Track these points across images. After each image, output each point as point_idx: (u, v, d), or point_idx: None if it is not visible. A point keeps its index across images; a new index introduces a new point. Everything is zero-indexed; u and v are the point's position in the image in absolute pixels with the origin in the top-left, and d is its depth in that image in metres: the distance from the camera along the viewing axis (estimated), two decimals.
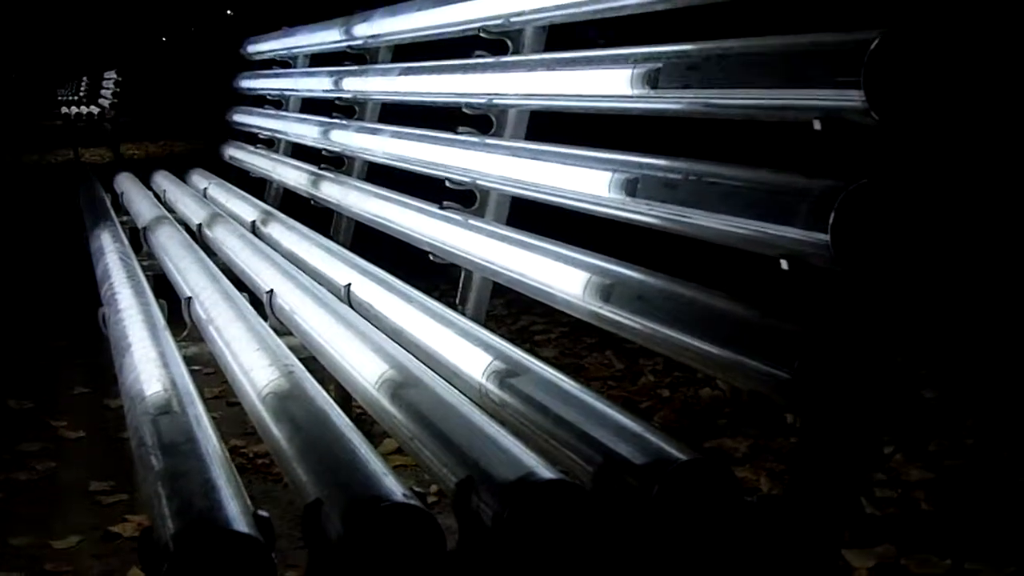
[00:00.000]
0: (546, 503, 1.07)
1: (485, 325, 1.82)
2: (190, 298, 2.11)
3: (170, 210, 3.47)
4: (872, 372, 1.15)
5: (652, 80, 1.49)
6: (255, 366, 1.54)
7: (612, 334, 3.81)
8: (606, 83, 1.63)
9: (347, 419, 1.30)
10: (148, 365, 1.56)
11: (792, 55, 1.26)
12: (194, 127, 16.66)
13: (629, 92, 1.54)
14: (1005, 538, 2.40)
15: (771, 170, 1.24)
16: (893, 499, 2.61)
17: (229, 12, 26.88)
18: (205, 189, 3.78)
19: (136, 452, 1.26)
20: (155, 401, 1.38)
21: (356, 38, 3.12)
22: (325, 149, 3.17)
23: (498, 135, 2.14)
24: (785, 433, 3.04)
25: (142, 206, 3.40)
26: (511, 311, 4.48)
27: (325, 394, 1.41)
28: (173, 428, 1.27)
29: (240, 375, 1.58)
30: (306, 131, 3.40)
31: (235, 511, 1.03)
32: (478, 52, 2.18)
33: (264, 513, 1.04)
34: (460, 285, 2.15)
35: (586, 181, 1.64)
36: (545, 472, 1.09)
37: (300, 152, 3.74)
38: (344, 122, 3.07)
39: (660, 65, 1.48)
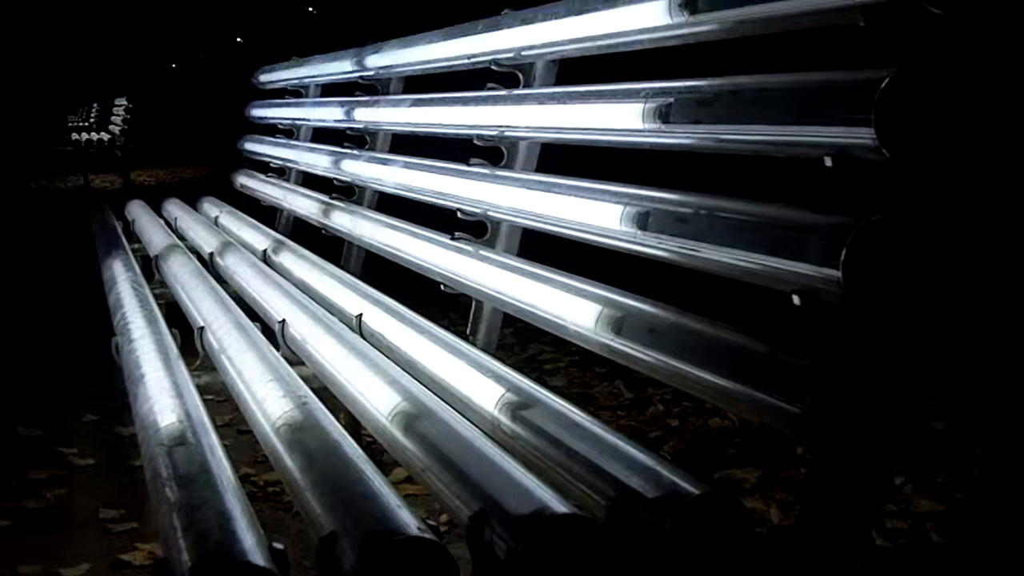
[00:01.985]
0: (560, 537, 1.07)
1: (494, 355, 1.83)
2: (203, 327, 2.12)
3: (182, 238, 3.49)
4: (883, 405, 1.15)
5: (663, 115, 1.51)
6: (268, 397, 1.55)
7: (620, 364, 3.80)
8: (617, 117, 1.65)
9: (360, 451, 1.31)
10: (162, 395, 1.57)
11: (804, 92, 1.28)
12: (202, 154, 16.74)
13: (640, 126, 1.56)
14: (1015, 570, 2.40)
15: (782, 205, 1.25)
16: (904, 530, 2.60)
17: (239, 40, 27.04)
18: (216, 217, 3.80)
19: (151, 483, 1.27)
20: (170, 432, 1.39)
21: (368, 69, 3.15)
22: (336, 179, 3.19)
23: (509, 167, 2.15)
24: (795, 464, 3.04)
25: (154, 234, 3.42)
26: (519, 340, 4.48)
27: (339, 426, 1.42)
28: (188, 459, 1.28)
29: (253, 405, 1.59)
30: (317, 160, 3.42)
31: (251, 543, 1.04)
32: (490, 84, 2.20)
33: (279, 545, 1.05)
34: (471, 315, 2.17)
35: (597, 213, 1.66)
36: (559, 506, 1.10)
37: (311, 181, 3.77)
38: (355, 152, 3.10)
39: (671, 100, 1.49)
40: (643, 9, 1.60)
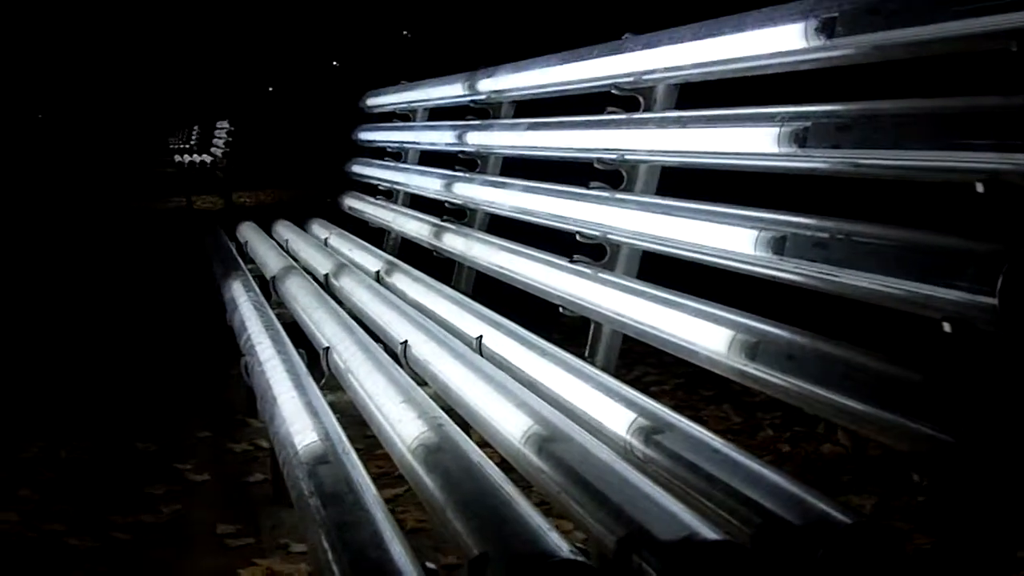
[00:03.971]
0: (710, 565, 1.07)
1: (621, 378, 1.83)
2: (327, 348, 2.16)
3: (294, 259, 3.55)
4: None
5: (800, 139, 1.50)
6: (403, 418, 1.57)
7: (728, 387, 3.76)
8: (749, 141, 1.64)
9: (502, 473, 1.32)
10: (300, 415, 1.59)
11: (951, 117, 1.26)
12: (300, 176, 17.01)
13: (775, 151, 1.55)
14: None
15: (930, 231, 1.24)
16: None
17: (335, 63, 27.48)
18: (326, 239, 3.86)
19: (297, 501, 1.29)
20: (312, 451, 1.41)
21: (479, 93, 3.18)
22: (448, 201, 3.22)
23: (629, 190, 2.16)
24: (911, 492, 2.98)
25: (268, 255, 3.49)
26: (624, 361, 4.46)
27: (476, 447, 1.43)
28: (333, 478, 1.30)
29: (387, 426, 1.61)
30: (428, 183, 3.46)
31: (406, 563, 1.05)
32: (610, 108, 2.21)
33: (432, 565, 1.06)
34: (589, 337, 2.17)
35: (728, 238, 1.65)
36: (709, 533, 1.10)
37: (417, 203, 3.81)
38: (468, 175, 3.13)
39: (808, 124, 1.49)
40: (777, 33, 1.60)
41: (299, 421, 1.57)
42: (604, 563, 1.14)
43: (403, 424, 1.56)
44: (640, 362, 4.40)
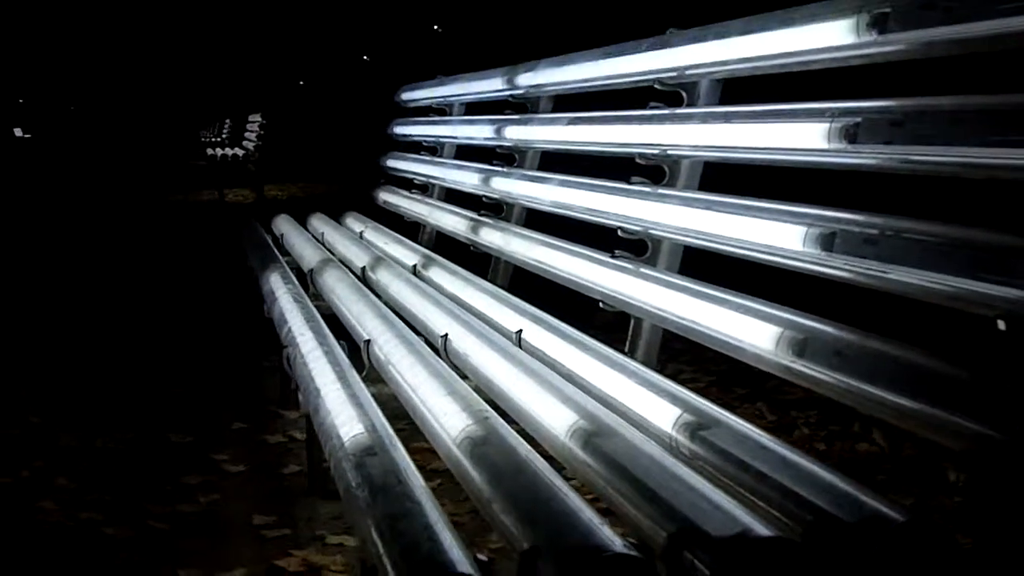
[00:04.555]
0: (763, 561, 1.06)
1: (664, 373, 1.83)
2: (368, 340, 2.16)
3: (331, 252, 3.56)
4: None
5: (851, 135, 1.49)
6: (447, 411, 1.57)
7: (762, 384, 3.73)
8: (797, 137, 1.63)
9: (549, 467, 1.32)
10: (344, 407, 1.60)
11: (1006, 113, 1.25)
12: (331, 170, 17.06)
13: (825, 146, 1.54)
14: None
15: (986, 228, 1.23)
16: None
17: (365, 58, 27.54)
18: (361, 232, 3.87)
19: (344, 494, 1.29)
20: (359, 442, 1.42)
21: (518, 87, 3.18)
22: (485, 195, 3.22)
23: (671, 185, 2.15)
24: (947, 491, 2.96)
25: (305, 249, 3.50)
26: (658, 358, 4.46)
27: (523, 442, 1.43)
28: (382, 469, 1.30)
29: (431, 419, 1.62)
30: (465, 178, 3.46)
31: (459, 554, 1.05)
32: (653, 103, 2.20)
33: (483, 557, 1.06)
34: (630, 332, 2.17)
35: (774, 234, 1.64)
36: (761, 529, 1.09)
37: (453, 197, 3.81)
38: (506, 170, 3.12)
39: (859, 120, 1.48)
40: (826, 28, 1.59)
41: (344, 413, 1.58)
42: (654, 559, 1.14)
43: (448, 417, 1.56)
44: (673, 359, 4.39)
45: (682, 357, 4.31)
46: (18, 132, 34.02)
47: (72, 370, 4.57)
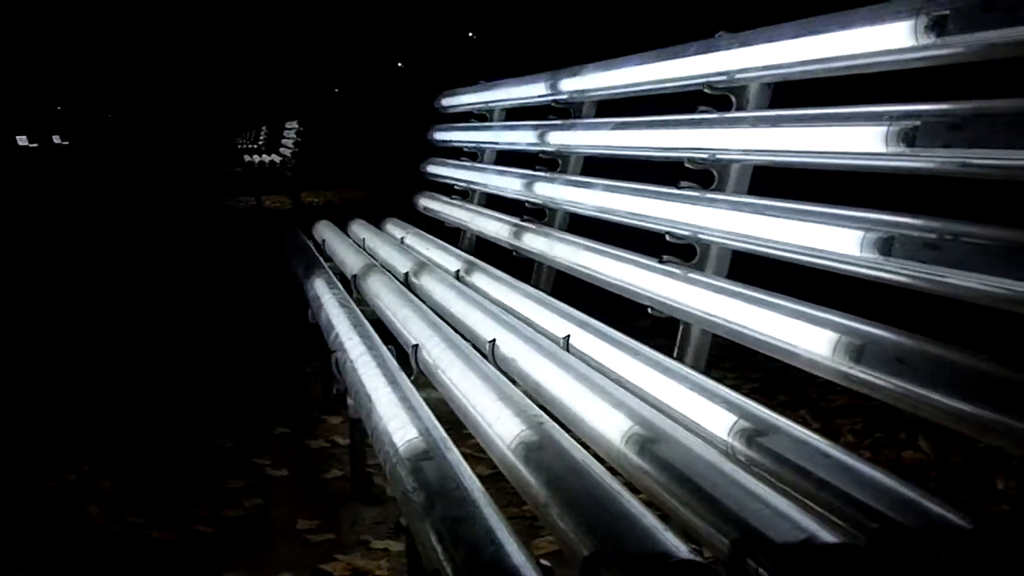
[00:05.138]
0: (829, 568, 1.05)
1: (717, 378, 1.82)
2: (416, 345, 2.16)
3: (372, 257, 3.56)
4: None
5: (909, 138, 1.48)
6: (500, 416, 1.57)
7: (805, 392, 3.71)
8: (853, 140, 1.62)
9: (608, 473, 1.31)
10: (397, 411, 1.60)
11: None
12: (367, 176, 17.12)
13: (882, 150, 1.53)
14: None
15: None
16: None
17: (399, 64, 27.65)
18: (402, 238, 3.88)
19: (402, 498, 1.29)
20: (414, 447, 1.41)
21: (561, 92, 3.18)
22: (528, 201, 3.22)
23: (720, 190, 2.14)
24: (995, 498, 2.93)
25: (347, 254, 3.51)
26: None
27: (580, 447, 1.42)
28: (439, 473, 1.30)
29: (483, 424, 1.61)
30: (507, 183, 3.46)
31: (522, 559, 1.05)
32: (702, 107, 2.19)
33: (546, 563, 1.06)
34: (678, 337, 2.16)
35: (828, 238, 1.63)
36: (826, 535, 1.08)
37: (493, 203, 3.81)
38: (549, 175, 3.12)
39: (918, 123, 1.46)
40: (884, 31, 1.57)
41: (397, 417, 1.58)
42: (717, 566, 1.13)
43: (501, 422, 1.55)
44: (715, 365, 4.35)
45: (724, 364, 4.29)
46: (56, 139, 34.40)
47: (117, 374, 4.61)
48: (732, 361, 4.19)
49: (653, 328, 2.34)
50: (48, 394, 4.26)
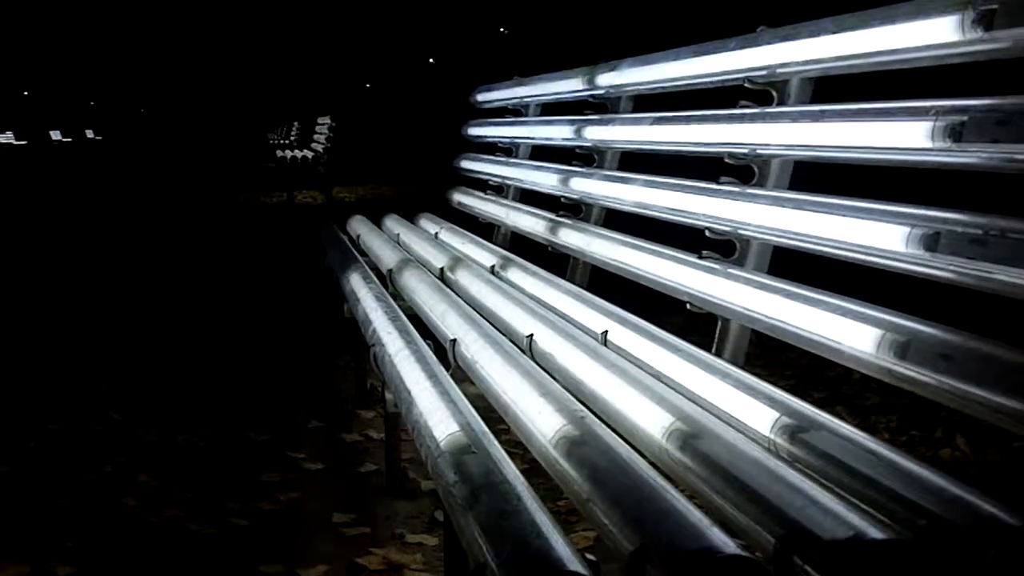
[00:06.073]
0: (879, 565, 1.04)
1: (758, 374, 1.81)
2: (454, 340, 2.16)
3: (407, 252, 3.57)
4: None
5: (955, 133, 1.46)
6: (542, 411, 1.57)
7: (840, 388, 3.69)
8: (898, 135, 1.61)
9: (652, 468, 1.30)
10: (437, 405, 1.60)
11: None
12: (398, 171, 17.15)
13: (928, 145, 1.51)
14: None
15: None
16: None
17: (431, 60, 27.70)
18: (436, 233, 3.88)
19: (444, 492, 1.29)
20: (455, 441, 1.42)
21: (598, 87, 3.17)
22: (564, 196, 3.21)
23: (760, 185, 2.13)
24: None
25: (382, 250, 3.52)
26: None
27: (623, 442, 1.42)
28: (482, 468, 1.30)
29: (524, 419, 1.61)
30: (543, 179, 3.46)
31: (567, 553, 1.05)
32: (743, 102, 2.18)
33: (592, 557, 1.06)
34: (717, 333, 2.15)
35: (873, 234, 1.62)
36: (875, 532, 1.07)
37: (528, 198, 3.81)
38: (586, 170, 3.11)
39: (965, 119, 1.45)
40: (929, 25, 1.56)
41: (438, 412, 1.58)
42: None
43: (542, 417, 1.55)
44: (748, 363, 4.34)
45: (757, 362, 4.27)
46: (89, 134, 34.67)
47: (152, 367, 4.64)
48: (765, 359, 4.17)
49: (686, 325, 2.34)
50: (84, 387, 4.30)
